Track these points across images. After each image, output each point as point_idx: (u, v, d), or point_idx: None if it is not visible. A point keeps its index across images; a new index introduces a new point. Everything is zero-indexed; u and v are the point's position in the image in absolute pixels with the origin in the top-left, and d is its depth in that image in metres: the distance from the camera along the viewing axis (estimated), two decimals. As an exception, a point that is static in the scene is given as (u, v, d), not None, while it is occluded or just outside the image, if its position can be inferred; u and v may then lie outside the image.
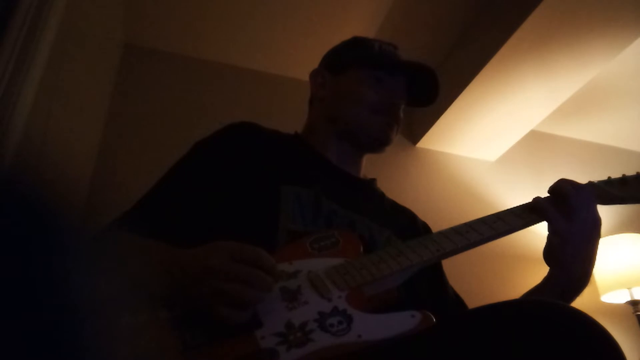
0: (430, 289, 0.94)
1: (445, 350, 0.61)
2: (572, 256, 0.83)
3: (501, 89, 2.07)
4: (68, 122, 1.51)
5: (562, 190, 0.87)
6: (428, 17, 2.10)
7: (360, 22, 2.12)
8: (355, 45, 1.10)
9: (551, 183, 0.92)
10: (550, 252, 0.85)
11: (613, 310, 2.18)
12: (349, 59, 1.07)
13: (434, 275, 0.98)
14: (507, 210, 0.89)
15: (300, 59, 2.26)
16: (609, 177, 0.95)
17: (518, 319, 0.58)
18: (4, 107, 1.02)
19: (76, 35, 1.46)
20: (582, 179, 0.96)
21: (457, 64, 2.16)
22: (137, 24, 2.10)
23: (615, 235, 2.19)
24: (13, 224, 0.28)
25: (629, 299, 2.10)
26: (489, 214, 0.89)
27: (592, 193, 0.89)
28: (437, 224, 1.09)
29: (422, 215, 1.10)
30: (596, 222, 0.86)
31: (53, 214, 0.30)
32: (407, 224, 1.03)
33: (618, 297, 2.12)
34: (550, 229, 0.86)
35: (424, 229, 1.07)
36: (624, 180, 0.94)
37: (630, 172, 0.98)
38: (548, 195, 0.90)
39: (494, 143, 2.40)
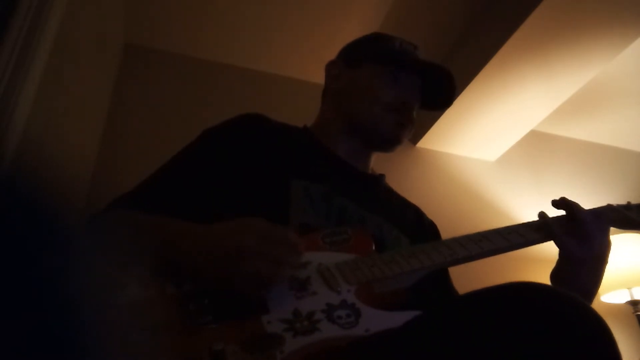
0: (436, 292, 0.94)
1: (437, 339, 0.59)
2: (580, 282, 0.83)
3: (501, 89, 2.07)
4: (68, 122, 1.51)
5: (577, 214, 0.85)
6: (428, 17, 2.10)
7: (360, 23, 2.12)
8: (376, 40, 1.08)
9: (551, 183, 0.92)
10: (558, 276, 0.86)
11: (613, 310, 2.18)
12: (367, 53, 1.05)
13: (441, 279, 0.98)
14: (523, 223, 0.88)
15: (300, 59, 2.27)
16: (629, 202, 0.95)
17: (504, 302, 0.56)
18: (4, 107, 1.02)
19: (76, 35, 1.46)
20: (582, 179, 0.96)
21: (457, 64, 2.15)
22: (137, 24, 2.10)
23: (615, 235, 2.18)
24: (13, 224, 0.28)
25: (629, 299, 2.10)
26: (488, 214, 0.90)
27: (608, 221, 0.88)
28: (438, 224, 1.09)
29: (422, 215, 1.10)
30: (608, 248, 0.85)
31: (53, 214, 0.30)
32: (414, 222, 1.03)
33: (618, 297, 2.13)
34: (561, 254, 0.86)
35: (430, 227, 1.07)
36: None
37: (630, 172, 0.98)
38: (561, 215, 0.89)
39: (494, 143, 2.40)
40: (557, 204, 0.89)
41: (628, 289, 2.08)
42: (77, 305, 0.28)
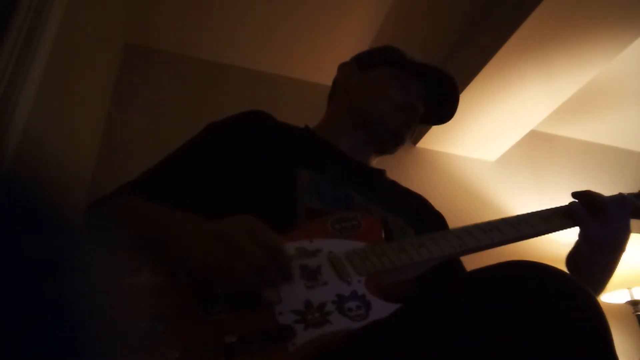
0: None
1: (428, 324, 0.58)
2: (595, 268, 0.84)
3: (501, 89, 2.07)
4: (68, 122, 1.51)
5: (599, 198, 0.87)
6: (428, 17, 2.10)
7: (360, 23, 2.12)
8: (389, 49, 1.14)
9: (551, 183, 0.92)
10: (574, 259, 0.86)
11: (613, 310, 2.18)
12: (380, 58, 1.10)
13: (451, 269, 0.98)
14: (532, 213, 0.88)
15: (301, 59, 2.26)
16: None
17: (492, 282, 0.55)
18: (4, 107, 1.02)
19: (76, 35, 1.46)
20: (582, 179, 0.96)
21: (457, 64, 2.16)
22: (137, 24, 2.10)
23: (615, 235, 2.18)
24: (13, 224, 0.28)
25: (629, 299, 2.10)
26: (489, 214, 0.89)
27: (627, 204, 0.89)
28: (437, 224, 1.09)
29: (422, 215, 1.10)
30: (627, 232, 0.86)
31: (53, 214, 0.30)
32: (419, 212, 1.04)
33: (618, 297, 2.13)
34: (582, 234, 0.86)
35: (437, 218, 1.08)
36: None
37: (630, 172, 0.98)
38: (578, 200, 0.90)
39: (494, 143, 2.40)
40: (577, 194, 0.91)
41: (628, 289, 2.08)
42: (80, 305, 0.28)
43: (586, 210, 0.86)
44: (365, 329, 0.62)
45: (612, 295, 2.12)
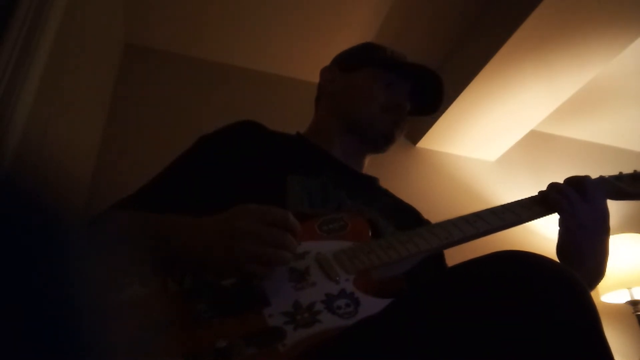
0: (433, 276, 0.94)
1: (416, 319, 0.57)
2: (584, 252, 0.85)
3: (501, 89, 2.06)
4: (68, 122, 1.51)
5: (577, 178, 0.92)
6: (428, 17, 2.10)
7: (360, 24, 2.12)
8: (368, 48, 1.13)
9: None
10: (562, 248, 0.87)
11: (613, 310, 2.18)
12: (361, 58, 1.09)
13: (438, 263, 0.99)
14: (515, 202, 0.90)
15: (300, 59, 2.27)
16: (620, 173, 0.97)
17: (477, 275, 0.55)
18: (4, 107, 1.02)
19: (76, 35, 1.46)
20: (583, 179, 0.97)
21: (457, 64, 2.16)
22: (137, 24, 2.10)
23: (615, 235, 2.19)
24: (13, 224, 0.28)
25: (629, 299, 2.10)
26: (489, 213, 0.90)
27: (603, 184, 0.92)
28: (437, 224, 1.09)
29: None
30: (605, 212, 0.88)
31: (53, 214, 0.30)
32: (412, 222, 1.04)
33: (618, 297, 2.13)
34: (561, 221, 0.88)
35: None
36: (635, 176, 0.95)
37: (630, 172, 0.98)
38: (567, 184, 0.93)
39: (494, 143, 2.40)
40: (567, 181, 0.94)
41: (628, 289, 2.08)
42: (79, 305, 0.28)
43: (568, 189, 0.89)
44: (356, 326, 0.63)
45: (612, 295, 2.12)
